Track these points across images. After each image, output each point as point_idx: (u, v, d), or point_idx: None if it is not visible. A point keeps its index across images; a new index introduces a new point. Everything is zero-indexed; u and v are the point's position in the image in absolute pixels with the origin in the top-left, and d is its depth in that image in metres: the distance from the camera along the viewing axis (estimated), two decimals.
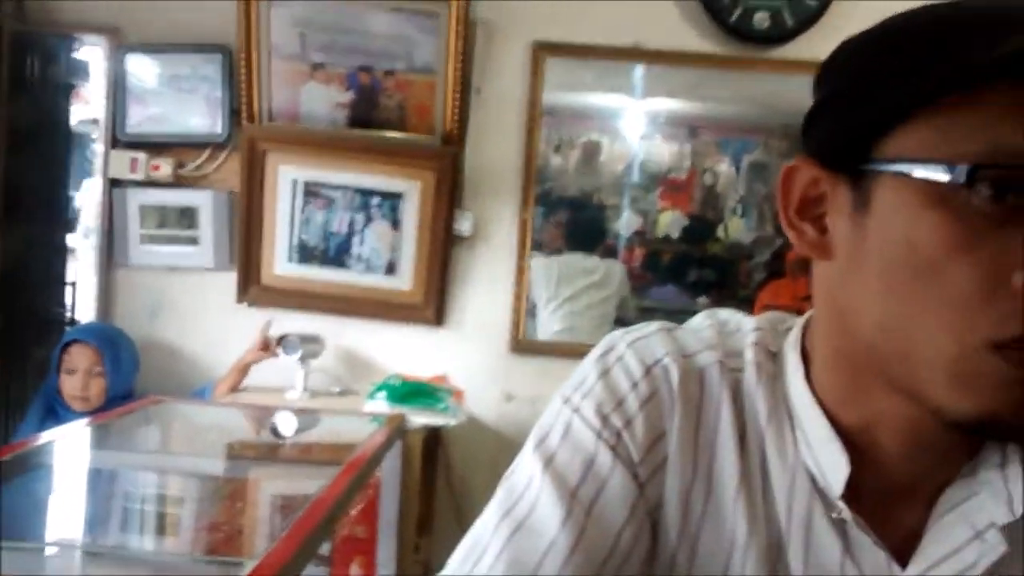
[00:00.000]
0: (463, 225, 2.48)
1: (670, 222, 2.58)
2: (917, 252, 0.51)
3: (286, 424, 2.24)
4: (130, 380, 2.36)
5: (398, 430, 2.09)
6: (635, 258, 2.60)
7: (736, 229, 2.58)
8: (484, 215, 2.52)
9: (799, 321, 0.66)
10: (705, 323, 0.68)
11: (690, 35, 2.49)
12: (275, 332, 2.39)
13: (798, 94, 2.45)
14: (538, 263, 2.56)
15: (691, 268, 2.59)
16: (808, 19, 2.46)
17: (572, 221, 2.59)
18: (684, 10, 2.48)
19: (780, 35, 2.47)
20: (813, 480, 0.60)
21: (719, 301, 2.60)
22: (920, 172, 0.51)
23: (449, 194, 2.44)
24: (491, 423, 2.54)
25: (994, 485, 0.59)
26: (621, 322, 2.60)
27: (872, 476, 0.59)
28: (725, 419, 0.62)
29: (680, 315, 2.39)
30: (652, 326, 0.67)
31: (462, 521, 2.47)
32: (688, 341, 0.65)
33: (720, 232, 2.59)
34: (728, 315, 0.69)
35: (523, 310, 2.54)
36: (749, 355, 0.64)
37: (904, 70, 0.52)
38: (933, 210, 0.51)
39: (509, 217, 2.53)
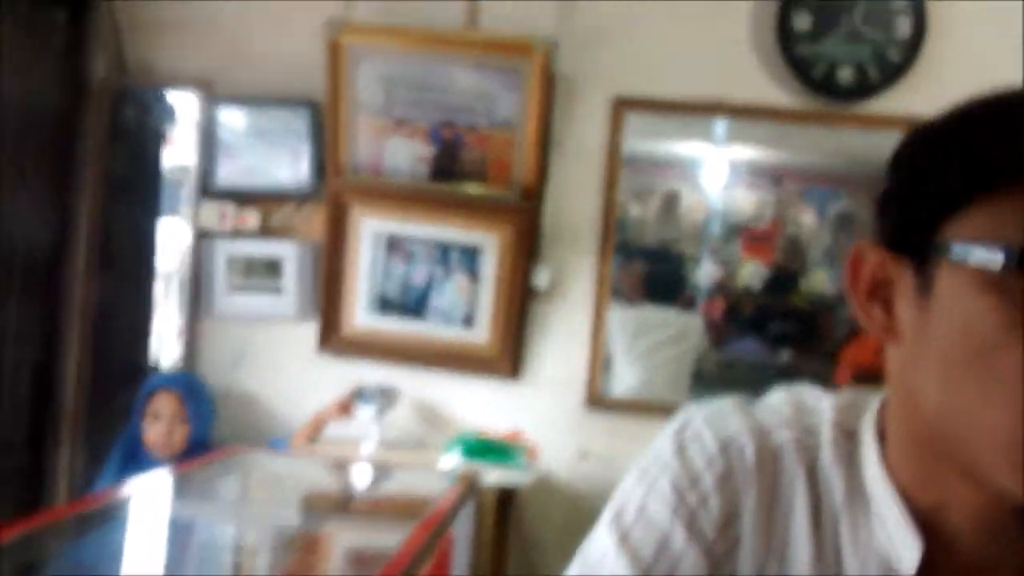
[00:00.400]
0: (540, 278, 2.48)
1: (751, 273, 2.55)
2: (974, 336, 0.53)
3: (361, 477, 2.25)
4: (209, 429, 2.41)
5: (472, 487, 2.07)
6: (715, 310, 2.56)
7: (820, 281, 2.53)
8: (562, 268, 2.52)
9: (876, 400, 0.66)
10: (782, 399, 0.69)
11: (773, 89, 2.47)
12: (353, 383, 2.41)
13: (884, 147, 2.40)
14: (615, 316, 2.54)
15: (772, 321, 2.55)
16: (893, 74, 2.43)
17: (650, 273, 2.57)
18: (767, 64, 2.47)
19: (864, 90, 2.44)
20: (886, 563, 0.60)
21: (801, 355, 2.54)
22: (976, 257, 0.52)
23: (527, 247, 2.46)
24: (565, 481, 2.50)
25: None
26: (699, 377, 2.56)
27: (945, 558, 0.59)
28: (800, 499, 0.63)
29: (761, 369, 2.34)
30: (728, 402, 0.68)
31: None
32: (764, 417, 0.66)
33: (803, 284, 2.54)
34: (806, 392, 0.69)
35: (599, 365, 2.52)
36: (826, 434, 0.64)
37: (962, 159, 0.54)
38: (988, 294, 0.52)
39: (587, 270, 2.53)
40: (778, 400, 0.69)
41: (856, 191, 2.53)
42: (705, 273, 2.56)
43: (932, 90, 2.43)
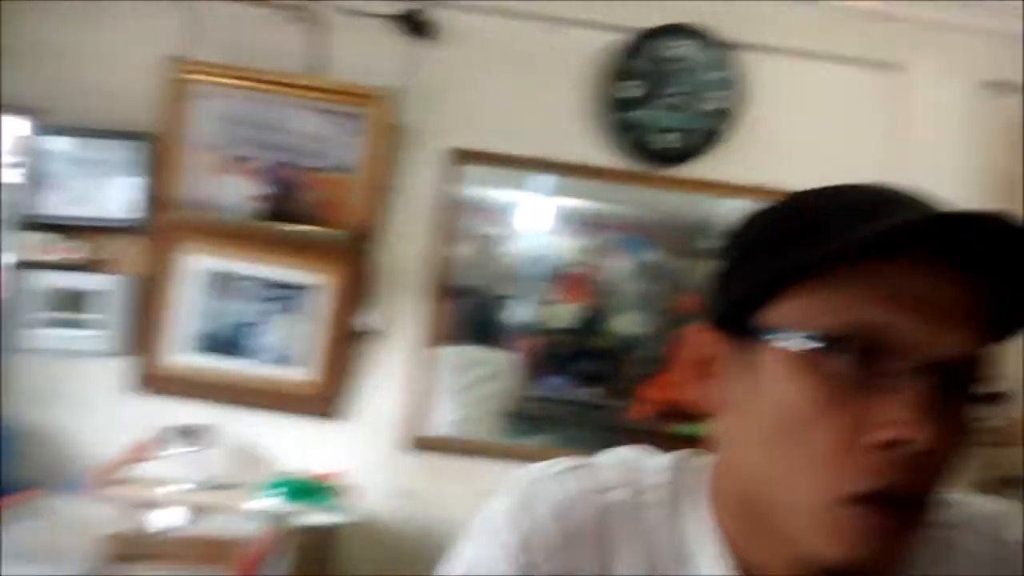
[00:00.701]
0: (370, 320, 2.50)
1: (565, 315, 2.65)
2: (787, 412, 0.58)
3: (170, 520, 2.17)
4: (8, 471, 2.26)
5: (287, 529, 2.03)
6: (529, 348, 2.64)
7: (627, 323, 2.67)
8: (391, 311, 2.55)
9: (707, 460, 0.70)
10: (616, 458, 0.71)
11: (598, 150, 2.62)
12: (169, 421, 2.33)
13: (697, 207, 2.61)
14: (439, 355, 2.58)
15: (579, 360, 2.65)
16: (710, 142, 2.62)
17: (470, 313, 2.64)
18: (596, 127, 2.62)
19: (683, 155, 2.62)
20: None
21: (605, 392, 2.65)
22: (792, 341, 0.58)
23: (358, 289, 2.49)
24: (386, 521, 2.49)
25: None
26: (515, 416, 2.62)
27: None
28: (631, 556, 0.65)
29: (566, 405, 2.41)
30: (564, 462, 0.70)
31: None
32: (600, 477, 0.68)
33: (612, 326, 2.67)
34: (640, 451, 0.73)
35: (423, 405, 2.54)
36: (659, 493, 0.68)
37: (777, 250, 0.61)
38: (801, 375, 0.57)
39: (416, 314, 2.56)
40: (612, 459, 0.71)
41: (666, 243, 2.70)
42: (521, 314, 2.66)
43: (744, 159, 2.64)
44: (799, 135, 2.67)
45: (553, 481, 0.67)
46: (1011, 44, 2.67)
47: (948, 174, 2.58)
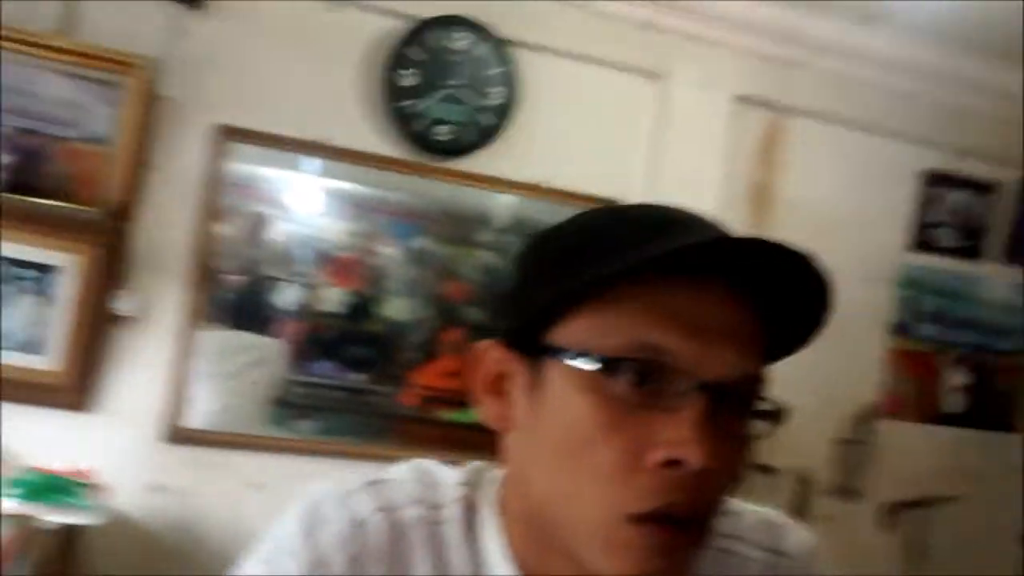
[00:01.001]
0: (126, 304, 2.38)
1: (333, 299, 2.66)
2: (573, 431, 0.59)
3: None
4: None
5: (32, 529, 1.93)
6: (296, 332, 2.63)
7: (396, 309, 2.72)
8: (150, 295, 2.44)
9: (498, 474, 0.71)
10: (409, 475, 0.71)
11: (374, 137, 2.63)
12: None
13: (468, 198, 2.71)
14: (201, 342, 2.50)
15: (349, 345, 2.68)
16: (485, 137, 2.71)
17: (235, 296, 2.57)
18: (371, 113, 2.63)
19: (458, 148, 2.69)
20: None
21: (374, 378, 2.70)
22: (575, 362, 0.60)
23: (112, 270, 2.36)
24: (136, 518, 2.41)
25: None
26: (282, 403, 2.60)
27: None
28: (424, 575, 0.66)
29: (335, 390, 2.45)
30: (357, 481, 0.69)
31: None
32: (393, 495, 0.68)
33: (380, 311, 2.71)
34: (431, 465, 0.73)
35: (182, 395, 2.46)
36: (452, 510, 0.68)
37: (561, 271, 0.62)
38: (585, 394, 0.59)
39: (176, 299, 2.46)
40: (404, 475, 0.71)
41: (437, 232, 2.77)
42: (289, 297, 2.62)
43: (517, 155, 2.76)
44: (570, 135, 2.82)
45: (340, 504, 0.66)
46: (765, 62, 2.97)
47: (703, 182, 2.85)
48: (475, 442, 0.75)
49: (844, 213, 3.04)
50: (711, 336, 0.59)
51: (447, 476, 0.71)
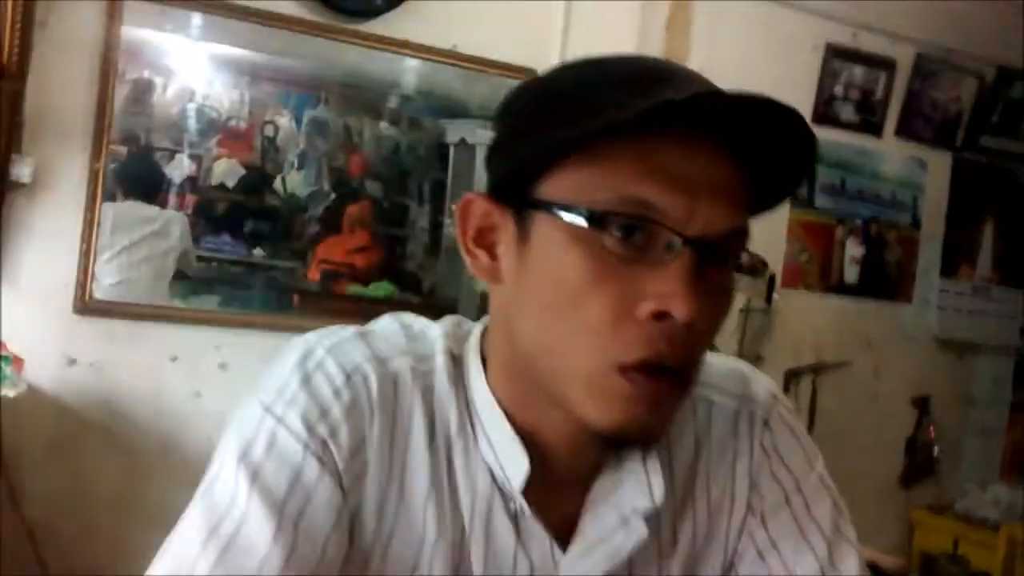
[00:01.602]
0: (22, 171, 2.27)
1: (227, 171, 2.63)
2: (562, 284, 0.62)
3: None
4: None
5: None
6: (188, 205, 2.60)
7: (294, 183, 2.71)
8: (47, 161, 2.34)
9: (477, 327, 0.74)
10: (393, 326, 0.74)
11: None
12: None
13: (370, 63, 2.67)
14: (96, 212, 2.42)
15: (247, 219, 2.67)
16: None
17: (126, 165, 2.51)
18: None
19: (367, 10, 2.61)
20: (493, 477, 0.69)
21: (275, 252, 2.72)
22: (563, 215, 0.62)
23: (7, 136, 2.25)
24: (51, 392, 2.38)
25: (637, 475, 0.70)
26: (181, 276, 2.60)
27: (540, 471, 0.68)
28: (417, 423, 0.69)
29: (237, 265, 2.48)
30: (347, 330, 0.71)
31: (17, 502, 2.29)
32: (381, 346, 0.70)
33: (278, 185, 2.70)
34: (411, 319, 0.75)
35: (91, 267, 2.40)
36: (438, 360, 0.71)
37: (549, 124, 0.63)
38: (575, 248, 0.62)
39: (77, 165, 2.37)
40: (388, 328, 0.73)
41: (331, 97, 2.74)
42: (179, 168, 2.57)
43: (426, 18, 2.70)
44: None
45: (334, 353, 0.68)
46: None
47: (614, 46, 2.86)
48: (379, 315, 0.75)
49: (752, 82, 3.06)
50: (699, 192, 0.61)
51: (430, 329, 0.74)
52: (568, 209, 0.62)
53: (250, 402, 0.68)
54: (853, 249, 3.46)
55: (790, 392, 3.31)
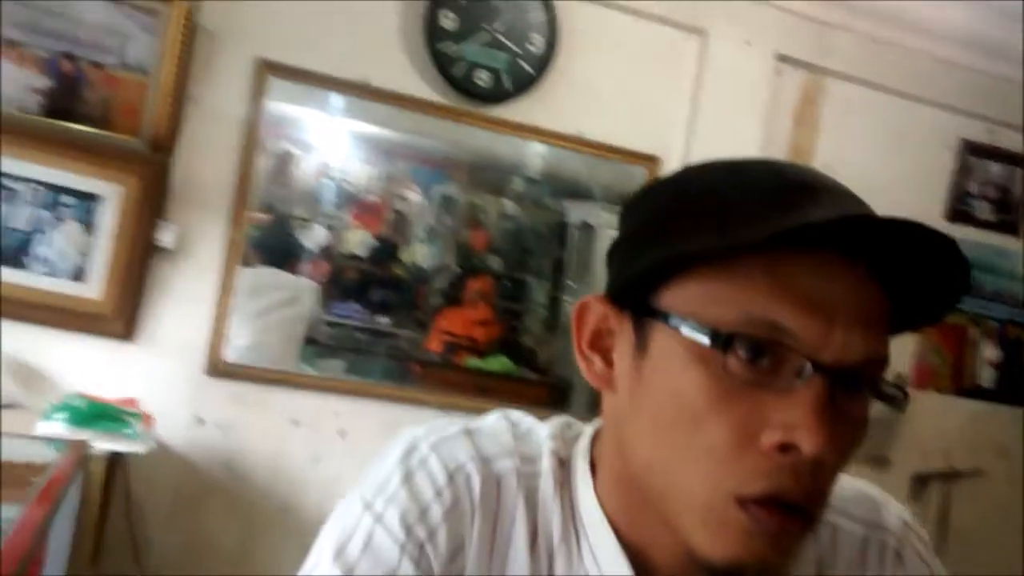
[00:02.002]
0: (166, 236, 2.47)
1: (359, 241, 2.79)
2: (680, 403, 0.59)
3: None
4: None
5: (82, 457, 1.98)
6: (321, 273, 2.76)
7: (420, 255, 2.86)
8: (190, 228, 2.53)
9: (587, 431, 0.72)
10: (500, 424, 0.72)
11: (414, 80, 2.71)
12: None
13: (497, 144, 2.83)
14: (234, 277, 2.58)
15: (375, 288, 2.81)
16: (524, 84, 2.79)
17: (268, 234, 2.68)
18: (411, 55, 2.71)
19: (497, 95, 2.77)
20: None
21: (399, 321, 2.84)
22: (685, 331, 0.59)
23: (154, 201, 2.45)
24: (179, 449, 2.52)
25: None
26: (311, 342, 2.74)
27: None
28: (519, 528, 0.67)
29: (362, 332, 2.62)
30: (452, 426, 0.70)
31: (139, 554, 2.42)
32: (487, 445, 0.68)
33: (405, 256, 2.84)
34: (520, 417, 0.74)
35: (224, 331, 2.56)
36: (545, 463, 0.69)
37: (676, 231, 0.61)
38: (696, 366, 0.58)
39: (217, 233, 2.55)
40: (496, 426, 0.72)
41: (466, 180, 2.89)
42: (315, 237, 2.75)
43: (553, 104, 2.84)
44: (608, 87, 2.90)
45: (438, 450, 0.67)
46: (806, 22, 3.08)
47: (742, 141, 2.95)
48: (496, 389, 0.77)
49: (881, 179, 3.13)
50: (835, 315, 0.57)
51: (537, 428, 0.72)
52: (691, 324, 0.59)
53: (352, 495, 0.67)
54: (989, 352, 3.38)
55: (918, 499, 3.21)
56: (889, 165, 3.19)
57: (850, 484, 0.75)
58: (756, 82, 3.04)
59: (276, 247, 2.72)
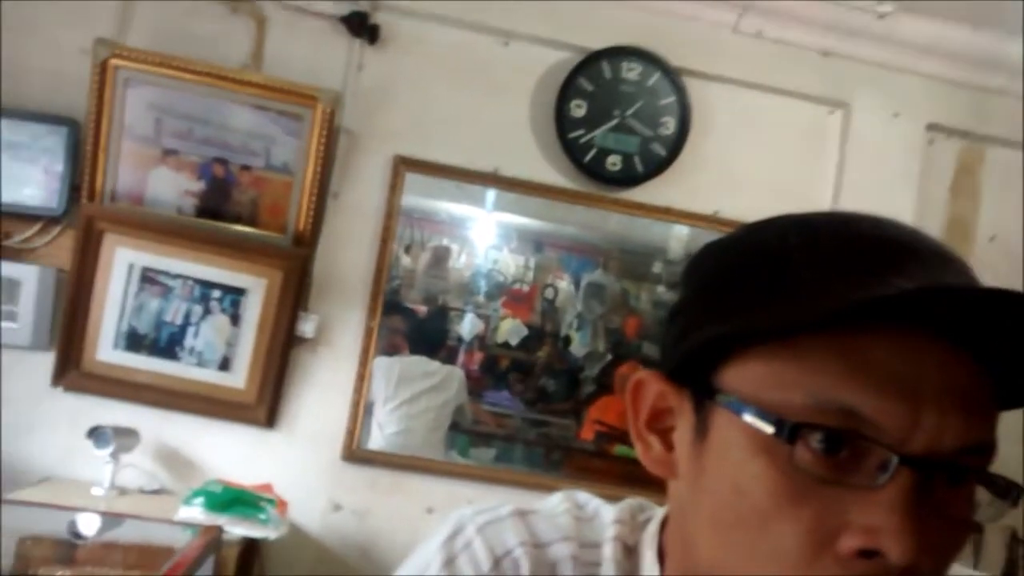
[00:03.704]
0: (306, 327, 2.72)
1: (511, 330, 2.98)
2: (745, 499, 0.55)
3: (87, 524, 2.28)
4: None
5: (214, 542, 2.16)
6: (473, 362, 2.96)
7: (572, 343, 3.00)
8: (329, 319, 2.79)
9: (658, 515, 0.70)
10: (562, 506, 0.71)
11: (545, 168, 2.91)
12: (91, 421, 2.51)
13: (641, 229, 3.06)
14: (379, 363, 2.84)
15: (526, 377, 2.99)
16: (656, 167, 2.93)
17: (417, 323, 2.91)
18: (542, 144, 2.91)
19: (629, 179, 2.93)
20: None
21: (551, 410, 2.98)
22: (748, 418, 0.54)
23: (295, 294, 2.70)
24: (315, 534, 2.72)
25: None
26: (456, 427, 2.94)
27: None
28: None
29: (513, 421, 2.88)
30: (505, 508, 0.68)
31: None
32: (542, 528, 0.67)
33: (556, 344, 3.00)
34: (586, 499, 0.72)
35: (360, 418, 2.78)
36: (607, 550, 0.67)
37: (739, 300, 0.57)
38: (760, 459, 0.54)
39: (354, 322, 2.79)
40: (556, 507, 0.70)
41: (612, 265, 3.04)
42: (468, 326, 2.97)
43: (689, 185, 2.96)
44: (745, 164, 3.00)
45: (482, 532, 0.66)
46: (958, 89, 3.19)
47: (894, 216, 3.04)
48: (648, 478, 0.71)
49: None
50: (922, 398, 0.52)
51: (602, 512, 0.71)
52: (753, 410, 0.55)
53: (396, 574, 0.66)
54: None
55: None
56: None
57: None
58: (907, 154, 3.06)
59: (425, 336, 2.95)
